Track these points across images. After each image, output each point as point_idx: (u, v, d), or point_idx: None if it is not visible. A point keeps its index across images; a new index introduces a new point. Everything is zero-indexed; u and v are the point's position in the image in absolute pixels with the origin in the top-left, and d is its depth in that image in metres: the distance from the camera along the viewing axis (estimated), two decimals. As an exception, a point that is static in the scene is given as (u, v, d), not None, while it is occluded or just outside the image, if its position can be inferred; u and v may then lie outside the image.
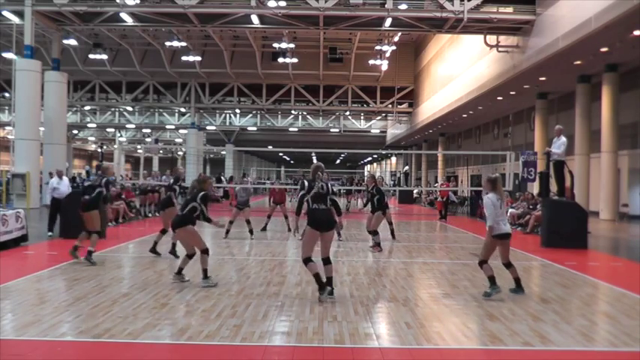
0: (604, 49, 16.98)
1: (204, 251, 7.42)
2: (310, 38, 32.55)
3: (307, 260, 6.52)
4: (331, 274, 6.63)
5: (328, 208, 6.60)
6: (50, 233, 12.46)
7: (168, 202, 10.19)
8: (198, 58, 33.93)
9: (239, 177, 22.50)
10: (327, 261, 6.61)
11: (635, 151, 20.16)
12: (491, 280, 6.89)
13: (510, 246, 7.19)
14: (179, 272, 7.51)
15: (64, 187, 13.21)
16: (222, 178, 32.46)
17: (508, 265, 7.10)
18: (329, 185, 6.71)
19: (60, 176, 13.33)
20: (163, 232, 10.09)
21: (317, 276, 6.50)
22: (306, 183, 6.71)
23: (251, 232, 12.89)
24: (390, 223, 12.99)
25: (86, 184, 11.58)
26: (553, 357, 4.84)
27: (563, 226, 11.65)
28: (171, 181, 10.93)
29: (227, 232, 12.70)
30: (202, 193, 7.65)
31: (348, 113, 43.27)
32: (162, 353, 4.75)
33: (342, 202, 35.39)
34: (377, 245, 11.19)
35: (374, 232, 11.32)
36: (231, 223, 12.89)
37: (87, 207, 9.24)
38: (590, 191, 20.79)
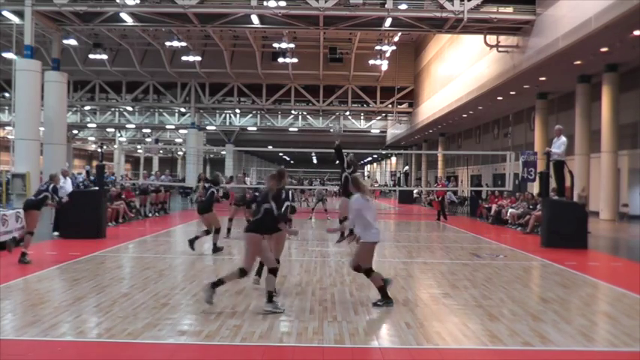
0: (604, 49, 16.99)
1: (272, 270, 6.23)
2: (310, 38, 32.55)
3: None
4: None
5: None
6: (56, 233, 12.43)
7: (208, 206, 10.40)
8: (198, 58, 33.94)
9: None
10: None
11: (635, 151, 20.16)
12: (382, 290, 6.29)
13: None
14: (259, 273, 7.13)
15: (69, 186, 13.25)
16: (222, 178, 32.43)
17: (363, 270, 6.33)
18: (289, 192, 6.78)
19: (65, 176, 13.33)
20: (208, 232, 10.44)
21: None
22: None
23: None
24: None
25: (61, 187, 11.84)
26: (553, 357, 4.84)
27: (563, 226, 11.65)
28: (204, 185, 11.40)
29: (228, 230, 12.70)
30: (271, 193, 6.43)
31: (348, 113, 43.28)
32: (162, 353, 4.75)
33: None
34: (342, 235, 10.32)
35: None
36: (230, 220, 12.91)
37: (28, 206, 9.55)
38: (590, 191, 20.79)
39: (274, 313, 5.84)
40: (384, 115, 43.08)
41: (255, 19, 21.45)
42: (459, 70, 27.98)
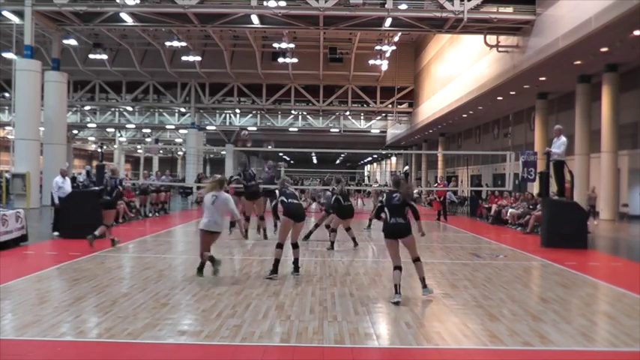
0: (604, 49, 16.98)
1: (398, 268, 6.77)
2: (310, 38, 32.54)
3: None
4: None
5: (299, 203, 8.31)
6: (56, 233, 12.36)
7: (257, 193, 12.41)
8: (198, 58, 33.93)
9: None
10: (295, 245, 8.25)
11: (635, 151, 20.16)
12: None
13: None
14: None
15: (68, 186, 13.21)
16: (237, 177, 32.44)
17: (210, 258, 7.76)
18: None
19: (64, 175, 13.33)
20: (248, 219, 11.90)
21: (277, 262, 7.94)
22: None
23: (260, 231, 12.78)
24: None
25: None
26: (553, 357, 4.84)
27: (563, 226, 11.65)
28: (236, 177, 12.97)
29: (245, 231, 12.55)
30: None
31: (348, 113, 43.26)
32: (162, 353, 4.75)
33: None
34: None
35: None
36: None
37: (107, 206, 10.91)
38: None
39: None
40: (384, 115, 43.07)
41: (255, 19, 21.45)
42: (459, 70, 27.97)
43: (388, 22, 21.41)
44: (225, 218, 8.65)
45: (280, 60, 32.67)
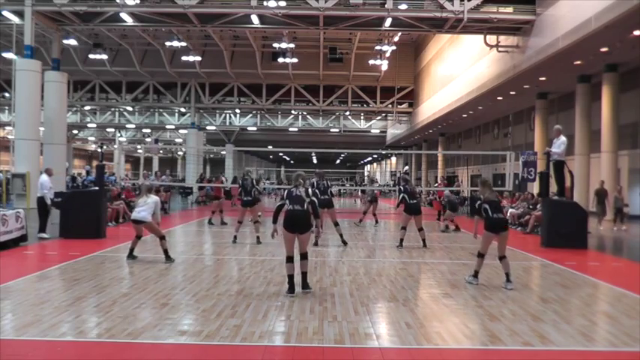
0: (604, 49, 16.99)
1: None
2: (310, 38, 32.54)
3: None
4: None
5: (305, 210, 6.98)
6: (46, 235, 11.91)
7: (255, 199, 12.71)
8: (198, 58, 33.93)
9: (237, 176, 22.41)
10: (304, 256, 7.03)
11: (635, 151, 20.16)
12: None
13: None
14: None
15: (53, 185, 12.66)
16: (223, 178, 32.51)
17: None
18: (308, 190, 7.22)
19: (50, 174, 12.62)
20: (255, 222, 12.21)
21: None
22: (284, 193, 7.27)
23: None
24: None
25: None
26: (553, 357, 4.84)
27: (563, 226, 11.65)
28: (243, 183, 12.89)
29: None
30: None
31: (348, 113, 43.27)
32: (162, 353, 4.75)
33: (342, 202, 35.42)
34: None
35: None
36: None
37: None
38: (590, 191, 20.77)
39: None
40: (384, 115, 43.08)
41: (255, 19, 21.45)
42: (459, 70, 27.97)
43: (388, 22, 21.41)
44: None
45: (280, 60, 32.68)
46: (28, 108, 21.47)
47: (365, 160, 79.19)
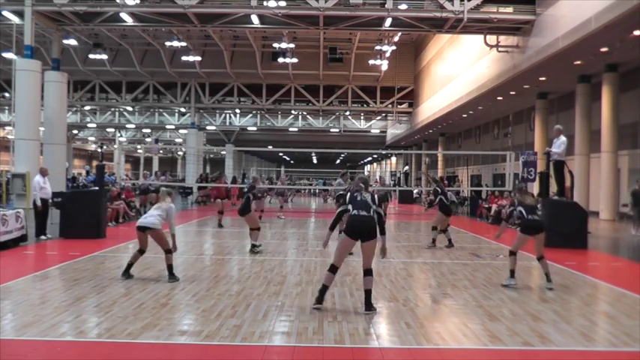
0: (604, 49, 16.98)
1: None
2: (310, 38, 32.54)
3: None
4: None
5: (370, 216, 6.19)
6: (43, 237, 11.72)
7: (247, 208, 10.77)
8: (198, 58, 33.93)
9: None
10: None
11: (635, 151, 20.15)
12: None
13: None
14: None
15: (49, 186, 12.27)
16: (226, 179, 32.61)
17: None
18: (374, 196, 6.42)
19: (44, 175, 12.06)
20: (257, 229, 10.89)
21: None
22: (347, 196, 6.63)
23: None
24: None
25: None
26: (553, 357, 4.85)
27: (563, 226, 11.64)
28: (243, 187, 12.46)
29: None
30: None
31: (348, 113, 43.26)
32: (163, 353, 4.75)
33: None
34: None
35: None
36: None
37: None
38: (590, 191, 20.80)
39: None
40: (384, 115, 43.07)
41: (255, 19, 21.44)
42: (459, 70, 27.97)
43: (388, 22, 21.40)
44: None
45: (280, 60, 32.68)
46: (28, 108, 21.47)
47: (365, 160, 79.17)
